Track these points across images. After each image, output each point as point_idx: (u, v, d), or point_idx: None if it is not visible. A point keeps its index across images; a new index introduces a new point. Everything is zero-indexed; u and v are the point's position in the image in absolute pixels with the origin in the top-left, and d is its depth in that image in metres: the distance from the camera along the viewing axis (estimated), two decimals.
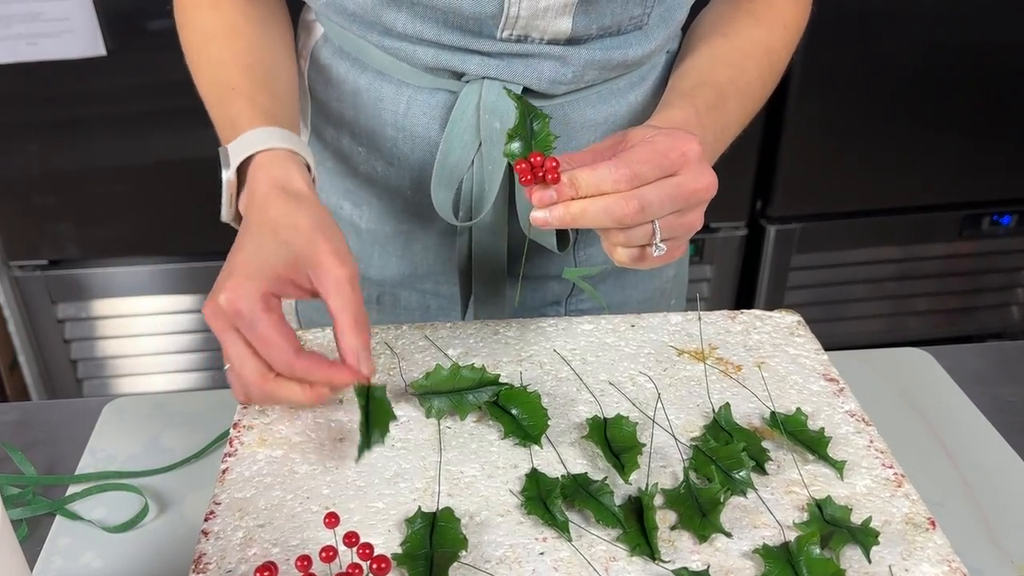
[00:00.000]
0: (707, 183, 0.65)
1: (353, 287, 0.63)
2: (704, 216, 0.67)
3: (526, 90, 0.77)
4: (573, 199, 0.61)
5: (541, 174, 0.61)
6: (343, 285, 0.62)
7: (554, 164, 0.61)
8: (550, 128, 0.66)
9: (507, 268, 0.85)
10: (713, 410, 0.68)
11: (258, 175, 0.68)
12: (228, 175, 0.69)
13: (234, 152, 0.69)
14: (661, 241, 0.64)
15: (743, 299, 2.04)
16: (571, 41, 0.76)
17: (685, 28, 0.89)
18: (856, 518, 0.58)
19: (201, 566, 0.55)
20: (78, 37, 1.57)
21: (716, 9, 0.86)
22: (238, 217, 0.71)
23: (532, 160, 0.62)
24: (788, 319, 0.78)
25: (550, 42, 0.75)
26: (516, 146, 0.65)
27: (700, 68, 0.79)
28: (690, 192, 0.64)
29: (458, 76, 0.78)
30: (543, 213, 0.62)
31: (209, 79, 0.77)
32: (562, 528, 0.57)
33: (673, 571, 0.55)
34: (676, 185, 0.63)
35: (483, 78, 0.76)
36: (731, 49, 0.81)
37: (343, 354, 0.62)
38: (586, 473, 0.61)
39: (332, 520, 0.54)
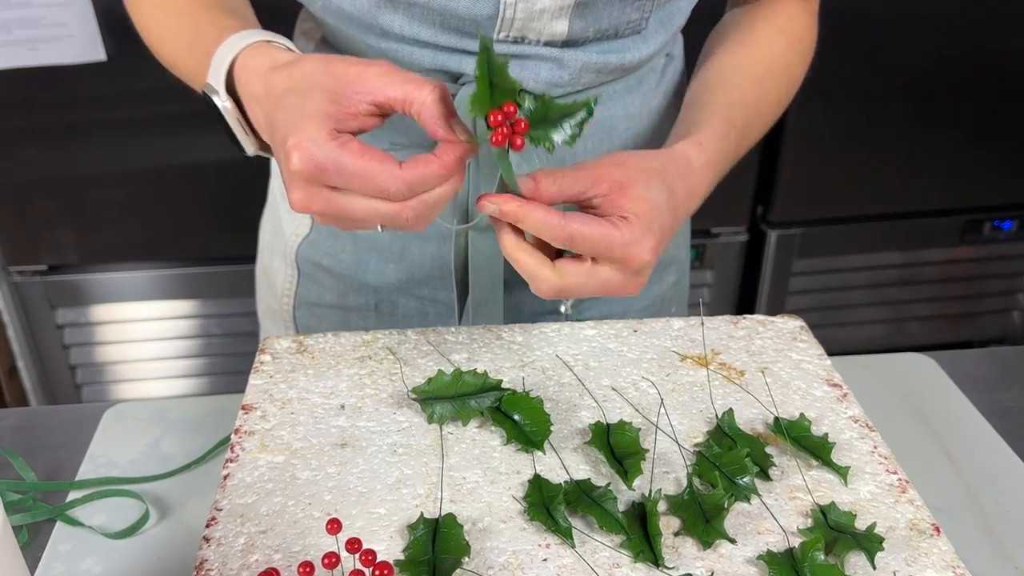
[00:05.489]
0: (633, 289, 0.66)
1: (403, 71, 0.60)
2: (706, 220, 0.67)
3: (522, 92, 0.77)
4: (514, 224, 0.63)
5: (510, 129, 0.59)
6: (394, 71, 0.59)
7: (523, 127, 0.60)
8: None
9: (504, 272, 0.85)
10: (716, 415, 0.67)
11: (247, 78, 0.64)
12: (222, 102, 0.66)
13: (214, 73, 0.66)
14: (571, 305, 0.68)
15: (744, 304, 2.03)
16: (568, 44, 0.76)
17: (685, 31, 0.89)
18: (860, 524, 0.58)
19: (203, 572, 0.55)
20: (78, 42, 1.57)
21: (735, 17, 0.86)
22: (264, 146, 0.69)
23: (506, 110, 0.59)
24: (791, 324, 0.78)
25: (547, 44, 0.75)
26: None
27: (728, 82, 0.78)
28: (611, 291, 0.65)
29: (455, 79, 0.78)
30: (491, 206, 0.63)
31: (175, 30, 0.74)
32: (565, 534, 0.57)
33: None
34: (602, 282, 0.64)
35: None
36: (753, 62, 0.80)
37: (436, 132, 0.59)
38: (589, 479, 0.61)
39: (334, 526, 0.54)
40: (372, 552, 0.53)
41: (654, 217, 0.64)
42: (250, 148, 0.69)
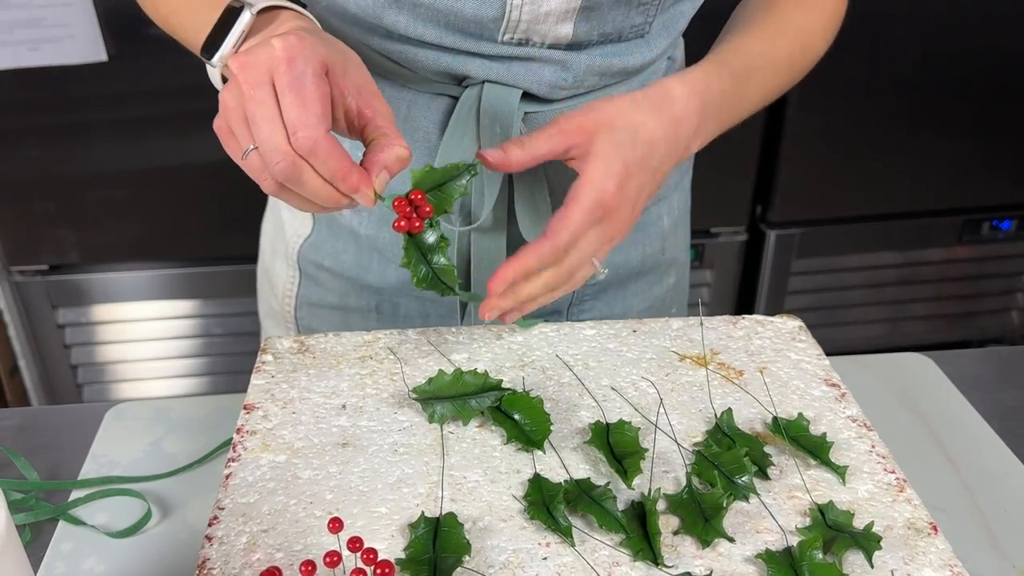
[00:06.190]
0: (625, 222, 0.70)
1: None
2: (705, 220, 0.68)
3: (525, 94, 0.77)
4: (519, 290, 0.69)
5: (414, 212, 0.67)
6: (389, 112, 0.64)
7: (428, 211, 0.67)
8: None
9: None
10: (715, 415, 0.68)
11: (283, 17, 0.66)
12: (249, 15, 0.65)
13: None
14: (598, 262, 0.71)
15: (743, 304, 2.04)
16: (572, 46, 0.76)
17: (686, 35, 0.90)
18: (858, 523, 0.58)
19: (205, 571, 0.55)
20: (79, 43, 1.58)
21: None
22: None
23: (412, 197, 0.66)
24: (789, 324, 0.78)
25: (551, 47, 0.75)
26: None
27: (729, 38, 0.80)
28: (610, 236, 0.70)
29: (459, 81, 0.78)
30: (494, 311, 0.70)
31: None
32: (565, 533, 0.57)
33: None
34: (598, 236, 0.69)
35: (483, 82, 0.77)
36: (767, 22, 0.82)
37: (370, 164, 0.63)
38: (589, 478, 0.61)
39: (336, 525, 0.54)
40: (373, 551, 0.53)
41: (615, 156, 0.68)
42: (226, 54, 0.65)
